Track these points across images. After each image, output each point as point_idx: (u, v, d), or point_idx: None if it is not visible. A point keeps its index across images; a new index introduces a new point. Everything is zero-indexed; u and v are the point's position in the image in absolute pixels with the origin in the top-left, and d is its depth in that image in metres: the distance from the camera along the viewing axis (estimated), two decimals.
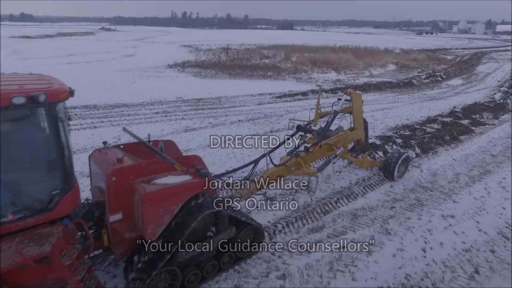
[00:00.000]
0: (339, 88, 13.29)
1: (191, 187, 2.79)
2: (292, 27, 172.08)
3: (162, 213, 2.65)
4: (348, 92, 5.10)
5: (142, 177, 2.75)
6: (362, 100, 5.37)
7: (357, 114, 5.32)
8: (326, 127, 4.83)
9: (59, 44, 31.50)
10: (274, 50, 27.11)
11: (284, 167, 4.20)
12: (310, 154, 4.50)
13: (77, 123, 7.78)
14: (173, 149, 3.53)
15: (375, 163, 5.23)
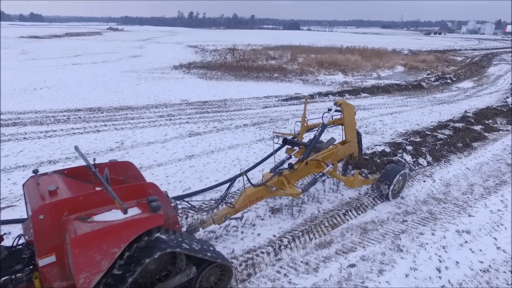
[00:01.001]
0: (347, 91, 13.06)
1: (138, 224, 2.28)
2: (298, 27, 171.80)
3: (98, 258, 2.17)
4: (339, 103, 4.68)
5: (79, 213, 2.32)
6: (355, 112, 4.97)
7: (349, 126, 4.91)
8: (313, 142, 4.37)
9: (67, 44, 31.66)
10: (280, 51, 26.88)
11: (264, 187, 3.75)
12: (294, 172, 4.04)
13: (80, 126, 7.69)
14: (131, 172, 3.07)
15: (368, 181, 4.60)
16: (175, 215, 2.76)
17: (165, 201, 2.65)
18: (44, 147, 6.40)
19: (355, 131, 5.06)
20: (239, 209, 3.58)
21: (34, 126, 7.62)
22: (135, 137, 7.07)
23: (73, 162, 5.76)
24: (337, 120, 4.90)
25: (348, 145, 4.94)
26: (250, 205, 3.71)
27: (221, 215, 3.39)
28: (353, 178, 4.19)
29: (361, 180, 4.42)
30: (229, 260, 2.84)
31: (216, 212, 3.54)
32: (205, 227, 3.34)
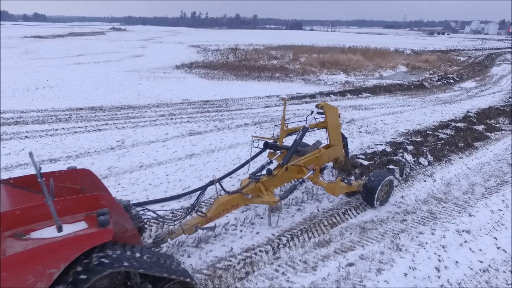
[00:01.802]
0: (348, 91, 13.04)
1: (81, 241, 2.00)
2: (301, 27, 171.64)
3: (32, 281, 1.88)
4: (320, 105, 4.41)
5: (16, 229, 2.03)
6: (339, 114, 4.75)
7: (333, 129, 4.67)
8: (293, 146, 4.11)
9: (70, 44, 31.80)
10: (282, 51, 26.89)
11: (239, 195, 3.50)
12: (273, 178, 3.79)
13: (81, 125, 7.72)
14: (90, 181, 2.84)
15: (351, 187, 4.33)
16: (133, 227, 2.50)
17: (120, 212, 2.40)
18: (45, 146, 6.43)
19: (339, 134, 4.84)
20: (212, 218, 3.35)
21: (36, 125, 7.66)
22: (136, 136, 7.09)
23: (74, 161, 5.79)
24: (320, 123, 4.66)
25: (332, 149, 4.73)
26: (224, 213, 3.49)
27: (192, 225, 3.17)
28: (335, 184, 3.92)
29: (344, 186, 4.17)
30: (192, 276, 2.58)
31: (186, 221, 3.29)
32: (174, 237, 3.12)
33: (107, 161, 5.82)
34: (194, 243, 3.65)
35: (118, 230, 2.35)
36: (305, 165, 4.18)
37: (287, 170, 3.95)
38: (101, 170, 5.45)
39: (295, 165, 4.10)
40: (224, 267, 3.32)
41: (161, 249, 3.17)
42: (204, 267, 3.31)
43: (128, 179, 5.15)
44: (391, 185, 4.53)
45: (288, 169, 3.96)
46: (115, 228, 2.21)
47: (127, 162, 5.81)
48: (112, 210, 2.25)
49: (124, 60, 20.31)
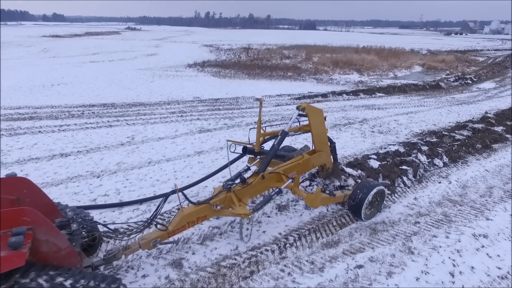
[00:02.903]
0: (361, 90, 12.80)
1: None
2: (314, 27, 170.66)
3: None
4: (301, 107, 3.86)
5: None
6: (325, 117, 4.25)
7: (318, 134, 4.21)
8: (271, 152, 3.66)
9: (86, 43, 32.43)
10: (295, 50, 26.70)
11: (206, 206, 3.12)
12: (247, 187, 3.42)
13: (93, 121, 7.80)
14: (27, 190, 2.56)
15: (335, 199, 3.92)
16: (68, 246, 2.21)
17: (50, 229, 2.10)
18: (57, 141, 6.51)
19: (326, 138, 4.36)
20: (174, 232, 2.97)
21: (49, 120, 7.78)
22: (146, 133, 7.11)
23: (84, 156, 5.84)
24: (303, 127, 4.22)
25: (317, 155, 4.26)
26: (190, 226, 3.11)
27: (149, 240, 2.83)
28: (314, 195, 3.52)
29: (326, 197, 3.77)
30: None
31: (144, 235, 2.96)
32: (129, 253, 2.81)
33: (117, 156, 5.84)
34: (199, 240, 3.60)
35: (49, 249, 2.08)
36: (285, 173, 3.76)
37: (263, 179, 3.55)
38: (110, 165, 5.47)
39: (274, 172, 3.70)
40: (229, 265, 3.26)
41: (112, 266, 2.78)
42: (209, 264, 3.25)
43: (136, 175, 5.15)
44: (382, 196, 4.09)
45: (265, 177, 3.57)
46: (44, 248, 2.00)
47: (136, 158, 5.82)
48: (38, 227, 1.98)
49: (137, 59, 20.55)
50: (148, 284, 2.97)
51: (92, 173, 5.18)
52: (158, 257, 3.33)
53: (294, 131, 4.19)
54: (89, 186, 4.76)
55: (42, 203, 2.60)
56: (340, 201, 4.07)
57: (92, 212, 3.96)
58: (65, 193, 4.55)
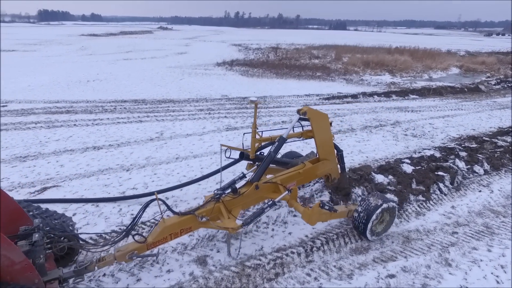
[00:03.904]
0: (394, 92, 12.32)
1: None
2: (345, 27, 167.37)
3: None
4: (302, 111, 3.46)
5: None
6: (331, 122, 3.85)
7: (322, 141, 3.81)
8: (266, 159, 3.37)
9: (120, 41, 33.66)
10: (324, 50, 26.25)
11: (190, 217, 2.86)
12: (239, 197, 3.13)
13: (124, 116, 8.02)
14: None
15: (336, 215, 3.46)
16: (23, 259, 2.05)
17: (2, 242, 1.96)
18: (90, 134, 6.74)
19: (331, 146, 3.96)
20: (154, 244, 2.73)
21: (84, 115, 8.09)
22: (174, 129, 7.21)
23: (115, 149, 5.99)
24: (306, 133, 3.85)
25: (321, 164, 3.87)
26: (172, 239, 2.82)
27: (125, 252, 2.61)
28: (311, 210, 3.16)
29: (325, 213, 3.31)
30: None
31: (120, 246, 2.73)
32: (102, 266, 2.60)
33: (146, 151, 5.95)
34: (224, 238, 3.56)
35: (1, 263, 1.96)
36: (283, 183, 3.41)
37: (257, 189, 3.23)
38: (140, 160, 5.57)
39: (269, 182, 3.36)
40: (253, 266, 3.18)
41: (82, 279, 2.59)
42: (233, 264, 3.20)
43: (164, 170, 5.21)
44: (393, 214, 3.60)
45: (260, 187, 3.25)
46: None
47: (164, 153, 5.89)
48: None
49: (168, 57, 21.02)
50: (173, 280, 2.96)
51: (122, 167, 5.30)
52: (183, 252, 3.32)
53: (295, 137, 3.83)
54: (119, 179, 4.87)
55: (8, 209, 2.41)
56: (343, 217, 3.64)
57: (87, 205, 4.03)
58: (96, 184, 4.68)
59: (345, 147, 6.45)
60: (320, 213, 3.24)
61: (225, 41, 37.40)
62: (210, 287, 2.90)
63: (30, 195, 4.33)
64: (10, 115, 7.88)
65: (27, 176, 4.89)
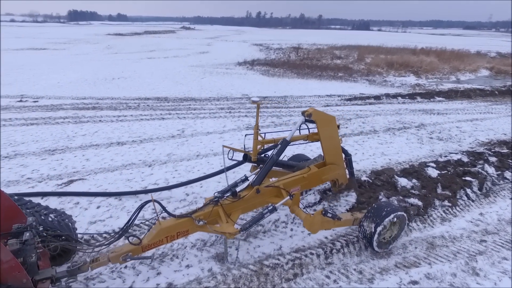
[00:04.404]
0: (418, 94, 11.96)
1: None
2: (368, 28, 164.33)
3: None
4: (307, 113, 3.29)
5: None
6: (338, 125, 3.68)
7: (329, 144, 3.64)
8: (268, 163, 3.26)
9: (144, 40, 34.48)
10: (347, 51, 25.84)
11: (188, 220, 2.80)
12: (239, 201, 3.04)
13: (147, 113, 8.20)
14: None
15: (340, 223, 3.25)
16: (11, 258, 2.02)
17: None
18: (115, 130, 6.93)
19: (339, 150, 3.77)
20: (149, 246, 2.68)
21: (109, 111, 8.33)
22: (195, 127, 7.30)
23: (138, 145, 6.13)
24: (312, 135, 3.69)
25: (327, 169, 3.70)
26: (169, 241, 2.77)
27: (120, 254, 2.56)
28: (312, 217, 3.01)
29: (328, 221, 3.12)
30: None
31: (115, 248, 2.71)
32: (96, 267, 2.57)
33: (167, 147, 6.06)
34: (242, 236, 3.56)
35: None
36: (286, 187, 3.27)
37: (258, 193, 3.13)
38: (161, 156, 5.68)
39: (271, 186, 3.25)
40: (272, 265, 3.17)
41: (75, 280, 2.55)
42: (251, 262, 3.20)
43: (185, 166, 5.28)
44: (402, 223, 3.38)
45: (261, 191, 3.14)
46: None
47: (185, 150, 5.98)
48: None
49: (190, 56, 21.33)
50: (191, 275, 2.99)
51: (145, 162, 5.41)
52: (202, 249, 3.35)
53: (301, 139, 3.71)
54: (141, 174, 4.98)
55: (3, 206, 2.39)
56: (348, 225, 3.44)
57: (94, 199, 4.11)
58: (119, 179, 4.81)
59: (367, 149, 6.32)
60: (322, 220, 3.08)
61: (246, 41, 37.54)
62: (228, 284, 2.91)
63: (57, 187, 4.51)
64: (40, 110, 8.23)
65: (55, 168, 5.09)
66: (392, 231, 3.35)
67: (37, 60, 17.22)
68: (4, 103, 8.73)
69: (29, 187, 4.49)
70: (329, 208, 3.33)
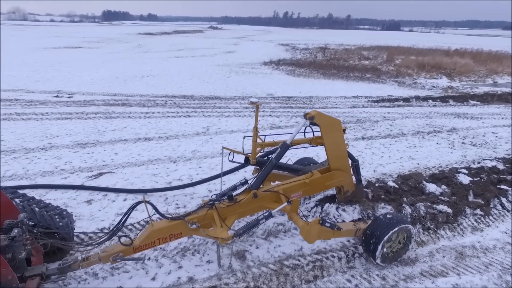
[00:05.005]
0: (450, 97, 11.45)
1: None
2: (399, 28, 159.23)
3: None
4: (310, 115, 3.11)
5: None
6: (344, 129, 3.48)
7: (333, 149, 3.44)
8: (267, 167, 3.14)
9: (173, 40, 35.30)
10: (376, 51, 25.21)
11: (181, 222, 2.72)
12: (235, 205, 2.92)
13: (174, 111, 8.39)
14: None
15: (340, 234, 3.07)
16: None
17: None
18: (142, 126, 7.15)
19: (345, 155, 3.56)
20: (141, 247, 2.64)
21: (138, 107, 8.61)
22: (220, 125, 7.38)
23: (164, 141, 6.29)
24: (316, 139, 3.53)
25: (331, 175, 3.48)
26: (161, 243, 2.72)
27: (110, 253, 2.54)
28: (309, 226, 2.86)
29: (326, 231, 2.95)
30: None
31: (106, 247, 2.69)
32: (86, 266, 2.56)
33: (192, 145, 6.17)
34: (263, 235, 3.56)
35: None
36: (286, 193, 3.12)
37: (255, 197, 3.00)
38: (186, 153, 5.79)
39: (270, 191, 3.10)
40: (292, 265, 3.15)
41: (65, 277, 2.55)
42: (271, 261, 3.19)
43: (208, 164, 5.35)
44: (408, 237, 3.16)
45: (258, 195, 3.01)
46: None
47: (209, 148, 6.06)
48: None
49: (217, 55, 21.60)
50: (212, 271, 3.03)
51: (170, 158, 5.54)
52: (223, 245, 3.38)
53: (304, 143, 3.56)
54: (166, 170, 5.10)
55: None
56: (350, 236, 3.25)
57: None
58: (145, 173, 4.95)
59: (394, 153, 6.13)
60: (320, 230, 2.91)
61: (273, 41, 37.52)
62: (248, 281, 2.92)
63: (88, 179, 4.71)
64: (74, 105, 8.64)
65: (86, 161, 5.33)
66: (398, 244, 3.14)
67: (73, 58, 18.09)
68: (42, 98, 9.25)
69: (62, 178, 4.72)
70: (328, 216, 3.07)
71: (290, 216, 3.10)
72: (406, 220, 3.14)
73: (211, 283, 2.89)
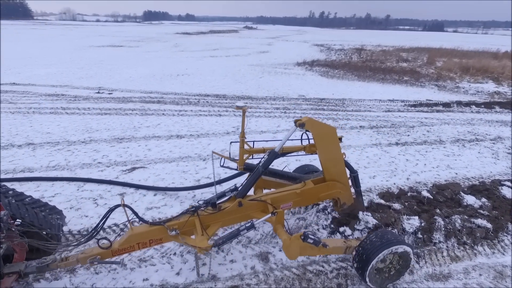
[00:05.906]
0: (497, 103, 10.67)
1: None
2: (442, 29, 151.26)
3: None
4: (300, 122, 2.90)
5: None
6: (340, 137, 3.22)
7: (328, 159, 3.19)
8: (254, 174, 3.00)
9: (209, 39, 36.05)
10: (415, 53, 24.14)
11: (161, 228, 2.65)
12: (218, 213, 2.81)
13: (206, 109, 8.57)
14: None
15: (325, 250, 2.81)
16: None
17: None
18: (175, 123, 7.37)
19: (341, 166, 3.27)
20: (120, 251, 2.59)
21: (172, 105, 8.88)
22: (250, 125, 7.43)
23: (195, 139, 6.44)
24: (309, 147, 3.32)
25: (325, 186, 3.26)
26: (140, 248, 2.66)
27: (88, 256, 2.51)
28: (290, 241, 2.67)
29: (310, 247, 2.72)
30: None
31: (85, 249, 2.66)
32: (64, 266, 2.53)
33: (222, 143, 6.26)
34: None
35: None
36: (274, 203, 2.98)
37: (240, 206, 2.88)
38: (216, 151, 5.88)
39: (257, 200, 2.96)
40: (315, 271, 3.10)
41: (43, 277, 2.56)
42: (294, 265, 3.16)
43: (235, 164, 5.40)
44: (405, 260, 2.84)
45: (243, 204, 2.88)
46: None
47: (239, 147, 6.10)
48: None
49: (250, 55, 21.75)
50: (235, 270, 3.06)
51: (200, 156, 5.67)
52: (247, 246, 3.40)
53: (296, 151, 3.37)
54: (196, 167, 5.22)
55: None
56: (339, 253, 3.02)
57: None
58: (176, 170, 5.10)
59: (431, 160, 5.83)
60: (301, 246, 2.70)
61: (307, 41, 37.11)
62: (269, 284, 2.92)
63: (122, 173, 4.94)
64: (113, 101, 9.10)
65: (121, 155, 5.59)
66: (392, 266, 2.86)
67: (115, 56, 19.06)
68: (85, 93, 9.83)
69: (99, 171, 4.99)
70: (313, 232, 2.87)
71: (274, 228, 2.92)
72: (403, 242, 2.78)
73: (233, 282, 2.92)
